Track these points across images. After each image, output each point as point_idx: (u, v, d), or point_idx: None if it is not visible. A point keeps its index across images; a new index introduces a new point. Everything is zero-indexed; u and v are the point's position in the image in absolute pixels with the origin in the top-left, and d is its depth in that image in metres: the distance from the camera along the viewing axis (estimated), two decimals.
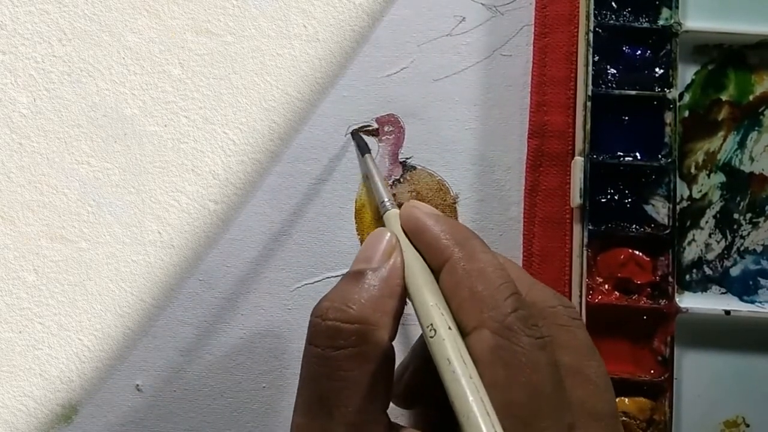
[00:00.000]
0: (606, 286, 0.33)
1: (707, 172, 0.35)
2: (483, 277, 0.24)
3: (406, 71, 0.36)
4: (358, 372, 0.23)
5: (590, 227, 0.33)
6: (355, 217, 0.35)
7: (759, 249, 0.35)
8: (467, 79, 0.36)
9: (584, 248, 0.33)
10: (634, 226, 0.34)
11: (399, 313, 0.25)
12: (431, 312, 0.24)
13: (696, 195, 0.35)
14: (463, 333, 0.24)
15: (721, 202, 0.35)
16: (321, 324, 0.24)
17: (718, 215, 0.35)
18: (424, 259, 0.26)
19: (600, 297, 0.33)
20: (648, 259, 0.33)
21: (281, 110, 0.36)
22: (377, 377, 0.24)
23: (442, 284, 0.25)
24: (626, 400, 0.32)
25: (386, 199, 0.31)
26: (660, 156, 0.34)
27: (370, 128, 0.36)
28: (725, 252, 0.35)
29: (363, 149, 0.35)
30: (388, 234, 0.27)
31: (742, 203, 0.35)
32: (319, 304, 0.25)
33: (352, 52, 0.36)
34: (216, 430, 0.34)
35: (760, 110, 0.35)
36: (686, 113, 0.35)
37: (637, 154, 0.34)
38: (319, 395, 0.24)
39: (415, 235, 0.27)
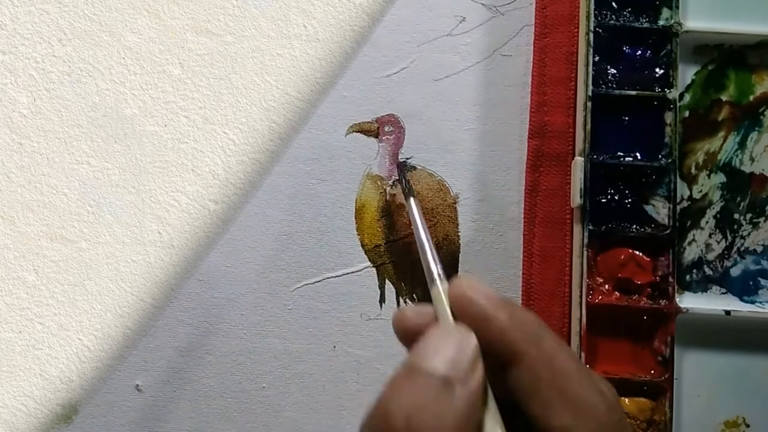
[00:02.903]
0: (606, 287, 0.33)
1: (707, 172, 0.35)
2: (570, 377, 0.23)
3: (406, 71, 0.36)
4: None
5: (590, 227, 0.33)
6: (355, 217, 0.35)
7: (759, 249, 0.35)
8: (467, 79, 0.36)
9: (584, 248, 0.33)
10: (634, 226, 0.33)
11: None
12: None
13: (696, 195, 0.35)
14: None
15: (721, 202, 0.35)
16: None
17: (718, 215, 0.35)
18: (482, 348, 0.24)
19: (600, 297, 0.33)
20: (648, 259, 0.33)
21: (281, 110, 0.36)
22: None
23: (516, 380, 0.24)
24: (626, 400, 0.32)
25: (434, 271, 0.27)
26: (660, 156, 0.34)
27: (370, 125, 0.36)
28: (725, 252, 0.35)
29: (407, 193, 0.31)
30: (461, 334, 0.24)
31: (742, 203, 0.35)
32: (397, 410, 0.22)
33: (352, 52, 0.36)
34: (216, 430, 0.34)
35: (760, 110, 0.35)
36: (686, 113, 0.35)
37: (638, 154, 0.34)
38: None
39: (474, 322, 0.24)
